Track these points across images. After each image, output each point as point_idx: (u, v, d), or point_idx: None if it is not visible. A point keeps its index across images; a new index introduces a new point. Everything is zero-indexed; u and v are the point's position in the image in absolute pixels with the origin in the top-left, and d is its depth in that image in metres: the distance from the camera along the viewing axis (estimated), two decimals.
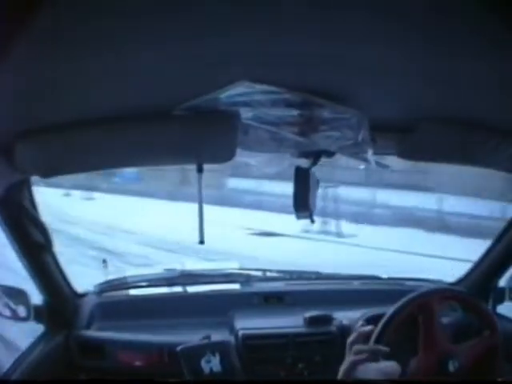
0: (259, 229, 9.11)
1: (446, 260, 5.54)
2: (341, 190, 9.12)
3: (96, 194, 12.78)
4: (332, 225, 8.82)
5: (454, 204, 8.61)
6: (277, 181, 9.82)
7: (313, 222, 1.36)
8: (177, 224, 8.27)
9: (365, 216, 9.40)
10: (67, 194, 12.78)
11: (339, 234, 8.66)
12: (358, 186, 9.51)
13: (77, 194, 12.65)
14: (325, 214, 8.54)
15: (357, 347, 1.23)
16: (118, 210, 10.19)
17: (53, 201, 11.34)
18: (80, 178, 11.93)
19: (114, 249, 7.55)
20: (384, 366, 1.21)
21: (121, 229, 9.05)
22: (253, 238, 8.71)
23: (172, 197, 11.54)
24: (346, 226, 8.77)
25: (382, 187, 9.57)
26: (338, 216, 8.88)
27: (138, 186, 12.88)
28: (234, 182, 11.70)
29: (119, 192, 12.24)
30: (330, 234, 8.70)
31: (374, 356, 1.21)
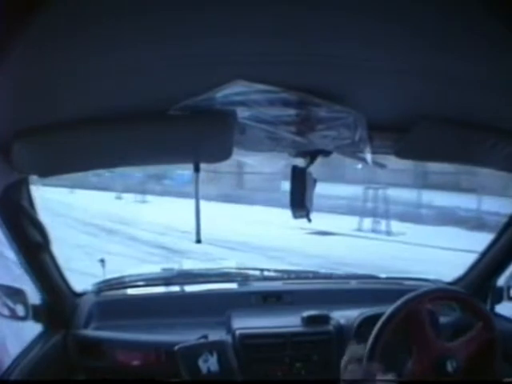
0: (314, 228, 9.26)
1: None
2: (389, 191, 9.70)
3: (149, 197, 12.76)
4: (382, 224, 9.37)
5: (492, 204, 8.88)
6: (327, 183, 10.83)
7: (310, 221, 1.36)
8: (233, 224, 8.63)
9: (411, 215, 9.93)
10: (119, 197, 12.88)
11: (389, 233, 9.16)
12: (405, 187, 10.04)
13: (129, 197, 12.72)
14: (376, 214, 9.34)
15: (351, 367, 1.23)
16: (174, 212, 10.10)
17: (106, 204, 11.66)
18: (132, 181, 12.57)
19: (175, 247, 7.70)
20: None
21: (178, 229, 8.93)
22: (309, 236, 8.93)
23: (226, 199, 11.56)
24: (395, 225, 9.27)
25: (427, 188, 10.15)
26: (387, 216, 9.45)
27: (191, 188, 12.86)
28: (287, 185, 12.00)
29: (173, 194, 12.11)
30: (380, 233, 9.22)
31: (370, 374, 1.21)
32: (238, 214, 10.26)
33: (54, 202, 12.42)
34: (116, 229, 9.59)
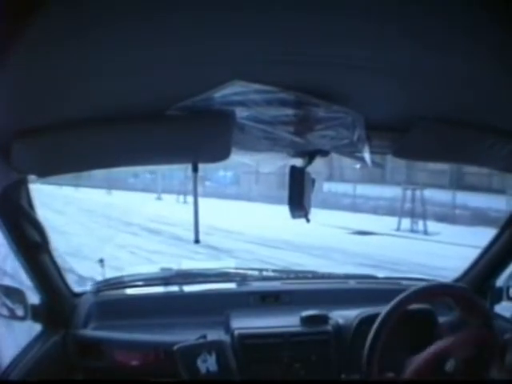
0: (355, 228, 9.75)
1: None
2: (426, 192, 10.10)
3: (190, 198, 12.46)
4: (420, 224, 9.76)
5: None
6: (368, 184, 11.11)
7: (308, 221, 1.36)
8: (275, 224, 8.25)
9: (447, 216, 10.36)
10: (159, 198, 12.86)
11: (426, 232, 9.55)
12: (440, 188, 10.48)
13: (169, 198, 12.66)
14: (413, 214, 9.74)
15: None
16: (217, 212, 10.03)
17: (146, 204, 11.57)
18: (173, 182, 12.54)
19: (220, 246, 7.74)
20: None
21: (222, 229, 9.05)
22: (351, 236, 9.35)
23: (268, 200, 11.48)
24: (431, 225, 9.67)
25: (462, 189, 10.51)
26: (424, 216, 9.79)
27: (233, 189, 12.98)
28: (328, 186, 11.93)
29: (214, 195, 12.06)
30: (417, 232, 9.63)
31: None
32: (280, 215, 10.02)
33: (92, 202, 12.48)
34: (158, 228, 9.56)
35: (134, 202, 11.63)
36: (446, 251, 7.23)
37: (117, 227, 9.71)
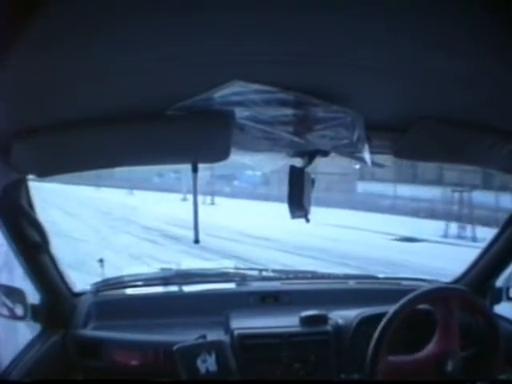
0: (399, 234, 8.90)
1: None
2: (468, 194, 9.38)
3: (218, 199, 11.95)
4: (467, 229, 9.10)
5: None
6: (408, 184, 10.17)
7: (308, 221, 1.36)
8: (309, 229, 7.82)
9: (490, 220, 9.45)
10: (184, 199, 11.99)
11: (474, 239, 8.74)
12: (482, 189, 9.67)
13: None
14: (460, 218, 9.01)
15: None
16: (246, 215, 9.49)
17: (169, 206, 10.76)
18: (199, 182, 11.66)
19: (250, 256, 7.00)
20: None
21: (251, 235, 8.32)
22: (394, 243, 8.45)
23: None
24: (480, 230, 8.86)
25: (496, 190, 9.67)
26: (472, 220, 9.13)
27: (263, 189, 12.11)
28: (363, 186, 11.27)
29: (244, 196, 11.50)
30: (465, 239, 8.86)
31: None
32: (313, 217, 9.34)
33: (111, 203, 11.69)
34: (181, 235, 8.42)
35: (157, 204, 10.90)
36: None
37: (134, 233, 8.88)
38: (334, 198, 10.52)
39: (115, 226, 9.60)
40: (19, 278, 1.57)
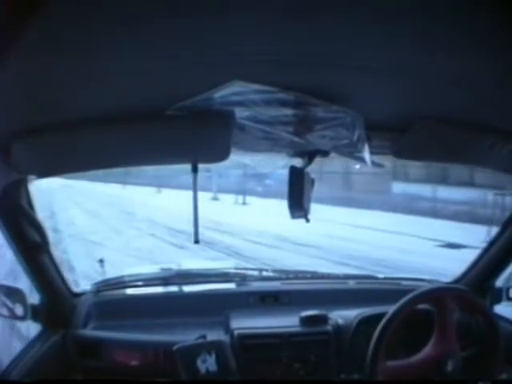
0: (442, 239, 8.29)
1: None
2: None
3: (249, 199, 11.39)
4: None
5: None
6: (449, 186, 9.46)
7: (308, 221, 1.36)
8: (345, 232, 7.35)
9: None
10: (215, 199, 11.66)
11: None
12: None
13: (226, 198, 11.43)
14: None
15: None
16: (281, 218, 8.45)
17: (199, 206, 10.03)
18: (230, 181, 10.67)
19: (288, 263, 6.26)
20: None
21: (290, 240, 7.47)
22: (440, 250, 7.81)
23: (334, 201, 10.06)
24: None
25: None
26: None
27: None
28: (399, 187, 10.56)
29: (276, 196, 10.40)
30: None
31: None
32: (350, 220, 8.78)
33: (137, 202, 10.68)
34: (212, 239, 7.70)
35: (186, 203, 9.62)
36: None
37: (160, 236, 8.14)
38: (369, 199, 10.08)
39: (139, 228, 8.89)
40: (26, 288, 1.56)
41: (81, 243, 6.48)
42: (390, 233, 8.34)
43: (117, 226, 8.89)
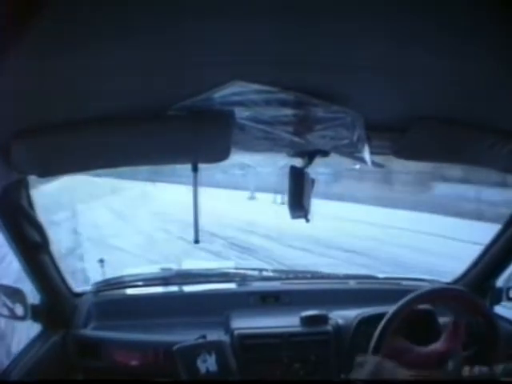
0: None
1: None
2: None
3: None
4: None
5: None
6: (492, 187, 8.84)
7: (308, 221, 1.36)
8: (397, 238, 6.76)
9: None
10: (252, 198, 11.08)
11: None
12: None
13: (264, 197, 10.63)
14: None
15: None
16: (324, 219, 7.43)
17: (236, 206, 8.98)
18: (267, 179, 9.28)
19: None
20: None
21: (337, 246, 6.79)
22: None
23: (376, 201, 9.55)
24: None
25: None
26: None
27: (337, 188, 10.60)
28: (444, 188, 10.02)
29: (317, 195, 10.22)
30: None
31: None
32: (395, 222, 8.17)
33: (169, 202, 9.82)
34: (250, 244, 6.97)
35: (221, 203, 8.91)
36: None
37: (189, 239, 6.90)
38: (409, 199, 9.70)
39: (170, 231, 8.07)
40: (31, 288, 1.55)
41: (101, 249, 5.66)
42: (441, 237, 7.81)
43: (145, 228, 7.95)
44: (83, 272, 5.05)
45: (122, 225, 8.04)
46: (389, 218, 8.77)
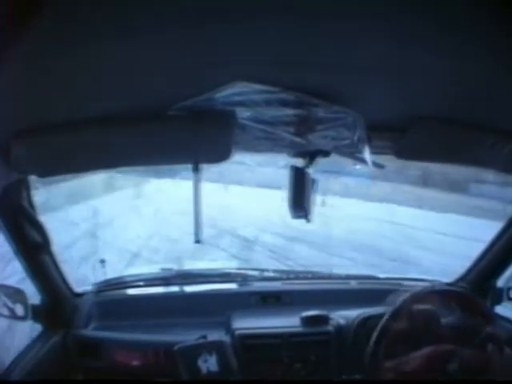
0: None
1: None
2: None
3: (328, 199, 9.73)
4: None
5: None
6: None
7: (308, 221, 1.36)
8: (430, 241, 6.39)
9: None
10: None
11: None
12: None
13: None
14: None
15: None
16: (370, 222, 7.41)
17: (270, 207, 6.04)
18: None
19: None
20: None
21: (381, 254, 6.09)
22: None
23: (413, 203, 9.11)
24: None
25: None
26: None
27: (376, 188, 9.70)
28: (478, 189, 9.37)
29: (355, 196, 9.30)
30: None
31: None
32: (450, 228, 7.54)
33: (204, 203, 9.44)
34: (289, 250, 6.19)
35: (255, 203, 8.01)
36: None
37: (226, 247, 6.09)
38: (445, 200, 9.20)
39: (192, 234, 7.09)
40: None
41: (117, 259, 4.90)
42: (476, 241, 7.50)
43: (171, 233, 6.76)
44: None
45: (148, 230, 6.95)
46: (428, 220, 8.28)
